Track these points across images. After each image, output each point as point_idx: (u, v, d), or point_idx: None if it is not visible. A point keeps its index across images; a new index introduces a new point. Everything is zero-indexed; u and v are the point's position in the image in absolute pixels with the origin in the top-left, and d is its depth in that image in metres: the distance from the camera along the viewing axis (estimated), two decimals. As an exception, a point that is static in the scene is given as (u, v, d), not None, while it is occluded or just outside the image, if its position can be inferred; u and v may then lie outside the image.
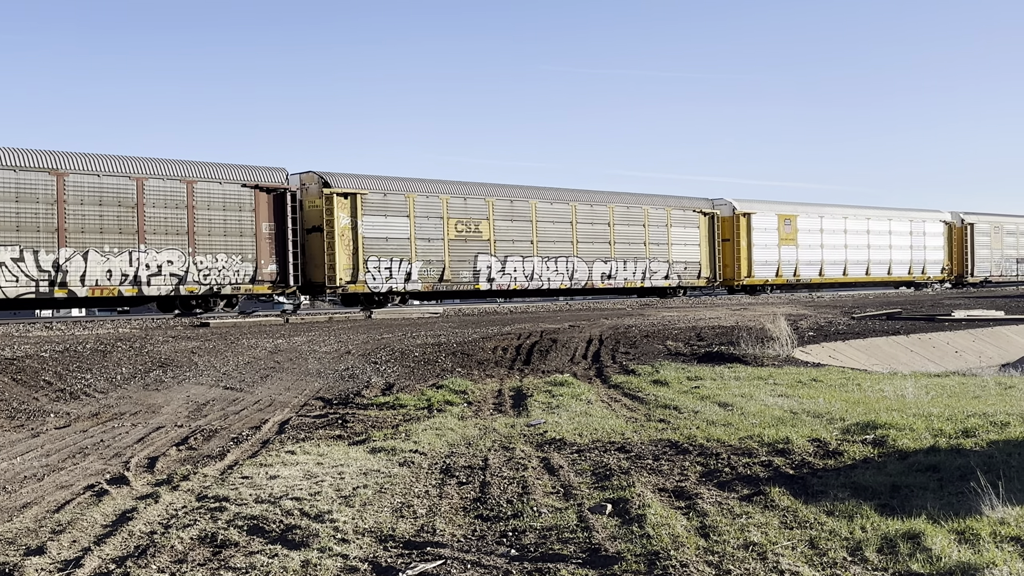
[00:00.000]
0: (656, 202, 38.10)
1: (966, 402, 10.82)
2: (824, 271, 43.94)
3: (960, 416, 9.50)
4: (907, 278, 48.29)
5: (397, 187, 30.42)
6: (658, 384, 13.50)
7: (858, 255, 45.50)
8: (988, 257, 53.05)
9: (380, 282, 29.77)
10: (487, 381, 14.29)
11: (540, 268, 33.98)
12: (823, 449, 8.37)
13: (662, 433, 9.43)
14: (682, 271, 38.52)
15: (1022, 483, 6.76)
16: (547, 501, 6.99)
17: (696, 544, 5.78)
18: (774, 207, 42.34)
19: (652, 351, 17.62)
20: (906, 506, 6.37)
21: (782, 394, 12.06)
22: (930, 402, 10.83)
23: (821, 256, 43.79)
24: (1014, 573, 5.01)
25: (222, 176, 26.91)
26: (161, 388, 13.61)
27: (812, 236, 43.41)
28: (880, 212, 47.50)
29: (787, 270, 42.31)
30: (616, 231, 36.40)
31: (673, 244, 38.26)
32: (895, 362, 18.56)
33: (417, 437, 9.57)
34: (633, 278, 36.90)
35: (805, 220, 43.25)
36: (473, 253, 32.15)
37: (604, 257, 36.04)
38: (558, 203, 34.79)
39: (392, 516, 6.73)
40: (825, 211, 44.62)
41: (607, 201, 36.46)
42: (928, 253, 49.34)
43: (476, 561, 5.72)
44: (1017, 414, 9.46)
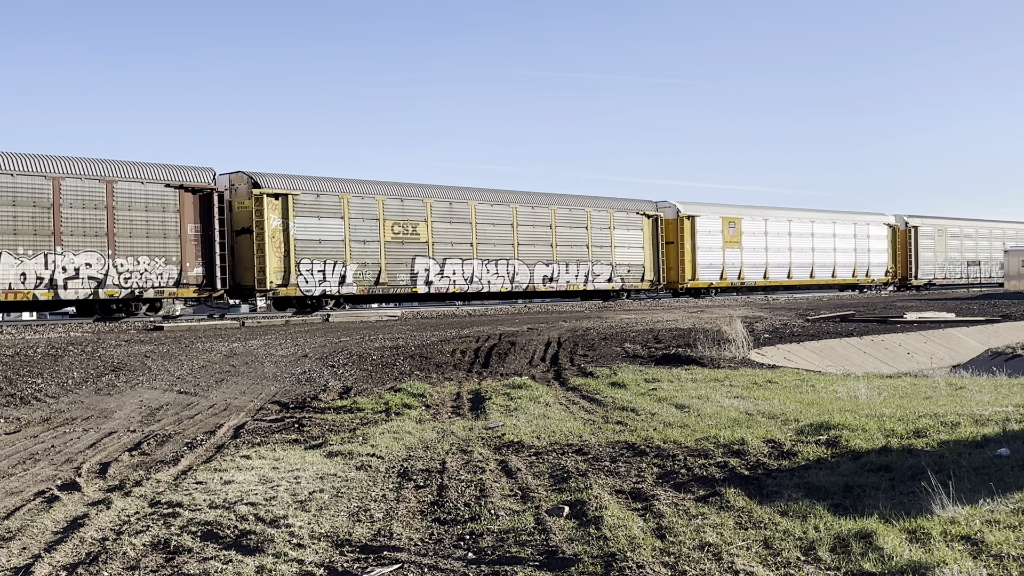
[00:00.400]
0: (599, 204, 37.78)
1: (918, 403, 10.99)
2: (769, 274, 43.92)
3: (912, 417, 9.65)
4: (851, 280, 48.41)
5: (331, 188, 29.84)
6: (616, 386, 13.56)
7: (803, 258, 45.59)
8: (932, 260, 53.31)
9: (313, 285, 29.19)
10: (445, 384, 14.26)
11: (480, 271, 33.49)
12: (778, 450, 8.46)
13: (619, 435, 9.47)
14: (626, 274, 38.29)
15: (972, 483, 6.87)
16: (505, 504, 6.99)
17: (652, 545, 5.81)
18: (718, 209, 42.16)
19: (610, 353, 17.70)
20: (859, 506, 6.46)
21: (738, 396, 12.17)
22: (882, 403, 10.99)
23: (766, 259, 43.76)
24: (964, 572, 5.09)
25: (144, 176, 26.11)
26: (114, 393, 13.41)
27: (757, 239, 43.36)
28: (825, 215, 47.68)
29: (732, 273, 42.19)
30: (558, 233, 36.16)
31: (616, 247, 38.01)
32: (848, 363, 18.81)
33: (374, 441, 9.52)
34: (576, 281, 36.65)
35: (750, 223, 43.12)
36: (410, 256, 31.60)
37: (546, 260, 35.71)
38: (498, 205, 34.28)
39: (349, 520, 6.69)
40: (770, 214, 44.54)
41: (549, 203, 36.15)
42: (872, 256, 49.48)
43: (433, 564, 5.71)
44: (967, 415, 9.62)
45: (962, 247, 55.77)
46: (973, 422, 9.16)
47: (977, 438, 8.41)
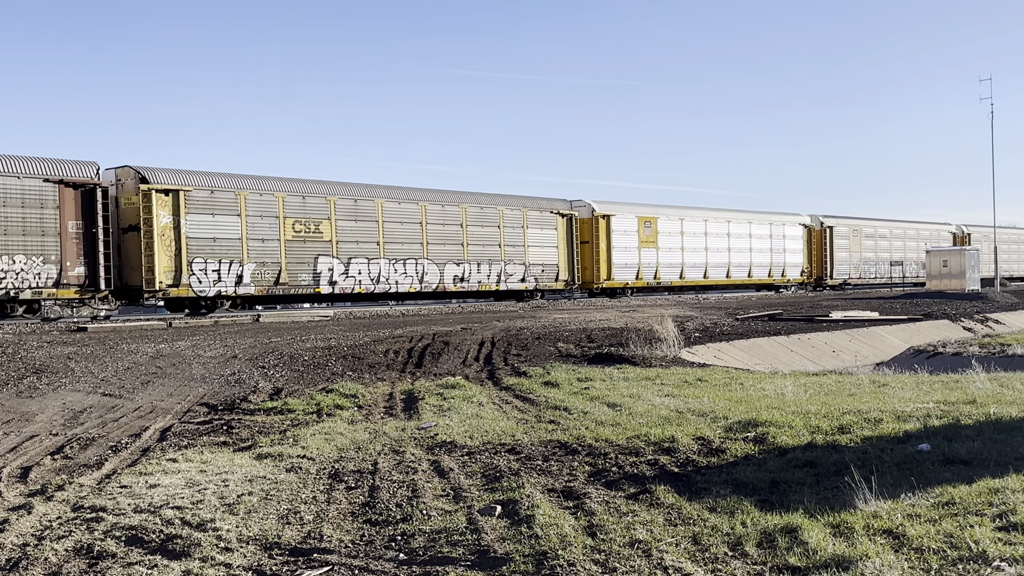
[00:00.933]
0: (512, 203, 37.08)
1: (842, 400, 11.24)
2: (685, 274, 43.57)
3: (836, 414, 9.86)
4: (767, 280, 48.32)
5: (227, 184, 28.71)
6: (549, 386, 13.61)
7: (719, 258, 45.41)
8: (847, 260, 53.43)
9: (207, 285, 27.97)
10: (378, 384, 14.17)
11: (387, 271, 32.53)
12: (707, 447, 8.57)
13: (552, 434, 9.51)
14: (539, 273, 37.59)
15: (894, 478, 7.05)
16: (437, 504, 6.97)
17: (583, 543, 5.85)
18: (634, 209, 41.76)
19: (544, 353, 17.76)
20: (785, 501, 6.58)
21: (669, 394, 12.31)
22: (808, 400, 11.21)
23: (682, 259, 43.44)
24: (886, 565, 5.22)
25: (19, 170, 24.76)
26: (35, 395, 13.04)
27: (673, 239, 43.01)
28: (741, 215, 47.38)
29: (647, 272, 41.71)
30: (469, 232, 35.26)
31: (530, 246, 37.30)
32: (776, 361, 19.15)
33: (305, 442, 9.42)
34: (488, 280, 35.78)
35: (666, 222, 42.74)
36: (313, 255, 30.52)
37: (457, 259, 34.80)
38: (407, 203, 33.36)
39: (278, 523, 6.61)
40: (686, 213, 44.25)
41: (460, 201, 35.26)
42: (788, 256, 49.56)
43: (364, 566, 5.66)
44: (890, 411, 9.87)
45: (876, 247, 55.91)
46: (895, 418, 9.40)
47: (899, 434, 8.62)
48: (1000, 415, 9.32)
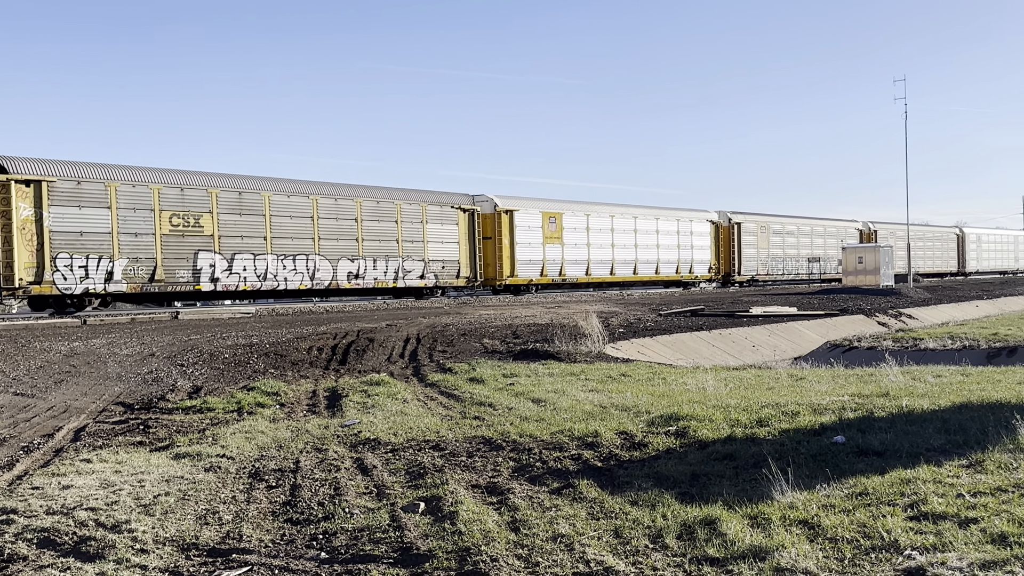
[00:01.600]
0: (411, 197, 35.85)
1: (761, 393, 11.45)
2: (591, 270, 42.84)
3: (755, 407, 10.04)
4: (675, 277, 47.87)
5: (95, 174, 27.11)
6: (474, 382, 13.61)
7: (626, 254, 44.74)
8: (755, 256, 53.23)
9: (73, 282, 26.36)
10: (301, 382, 14.00)
11: (275, 267, 31.10)
12: (630, 441, 8.66)
13: (477, 430, 9.51)
14: (440, 270, 36.49)
15: (810, 469, 7.21)
16: (359, 502, 6.91)
17: (507, 538, 5.86)
18: (538, 204, 41.04)
19: (469, 349, 17.75)
20: (704, 493, 6.68)
21: (593, 389, 12.41)
22: (728, 394, 11.40)
23: (588, 255, 42.69)
24: (801, 555, 5.33)
25: None
26: (-59, 395, 12.58)
27: (579, 235, 42.30)
28: (648, 211, 46.89)
29: (552, 269, 41.01)
30: (365, 227, 33.97)
31: (430, 242, 36.10)
32: (698, 356, 19.45)
33: (225, 441, 9.26)
34: (385, 277, 34.59)
35: (571, 218, 42.05)
36: (193, 250, 28.92)
37: (351, 255, 33.45)
38: (297, 196, 31.93)
39: (196, 523, 6.48)
40: (592, 209, 43.51)
41: (355, 195, 33.88)
42: (696, 252, 49.19)
43: (284, 566, 5.59)
44: (807, 404, 10.08)
45: (784, 244, 55.97)
46: (812, 411, 9.61)
47: (815, 426, 8.82)
48: (912, 407, 9.60)
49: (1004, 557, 5.09)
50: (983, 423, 8.36)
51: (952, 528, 5.63)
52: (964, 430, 8.20)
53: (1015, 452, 7.26)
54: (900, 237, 63.15)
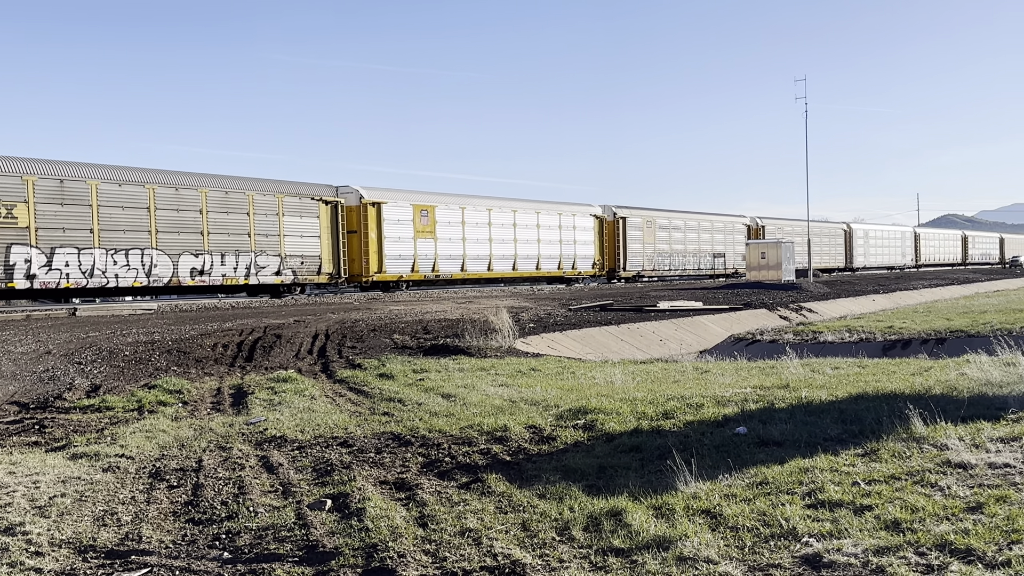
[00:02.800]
0: (265, 187, 33.28)
1: (667, 386, 11.65)
2: (467, 266, 40.97)
3: (661, 400, 10.21)
4: (557, 273, 46.25)
5: None
6: (384, 378, 13.51)
7: (504, 249, 42.96)
8: (641, 251, 52.07)
9: None
10: (205, 380, 13.70)
11: (104, 262, 28.46)
12: (538, 435, 8.71)
13: (386, 426, 9.45)
14: (299, 266, 34.06)
15: (713, 460, 7.36)
16: (264, 500, 6.80)
17: (415, 534, 5.84)
18: (409, 197, 38.90)
19: (379, 345, 17.61)
20: (611, 486, 6.76)
21: (503, 384, 12.44)
22: (636, 387, 11.56)
23: (463, 250, 40.76)
24: (703, 543, 5.44)
25: None
26: None
27: (453, 229, 40.32)
28: (528, 204, 45.18)
29: (425, 265, 38.94)
30: (211, 220, 31.35)
31: (287, 236, 33.64)
32: (607, 351, 19.68)
33: (124, 440, 9.00)
34: (235, 274, 32.07)
35: (445, 212, 40.01)
36: (5, 244, 26.26)
37: (195, 249, 30.89)
38: (130, 185, 29.30)
39: (93, 525, 6.29)
40: (468, 202, 41.60)
41: (199, 185, 31.20)
42: (579, 248, 47.59)
43: (185, 567, 5.47)
44: (710, 396, 10.29)
45: (671, 239, 54.86)
46: (716, 403, 9.81)
47: (719, 418, 9.01)
48: (811, 398, 9.88)
49: (897, 543, 5.28)
50: (878, 413, 8.65)
51: (848, 515, 5.81)
52: (860, 420, 8.48)
53: (908, 441, 7.53)
54: (788, 233, 63.82)
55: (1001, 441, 7.32)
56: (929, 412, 8.18)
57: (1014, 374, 10.32)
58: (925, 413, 8.13)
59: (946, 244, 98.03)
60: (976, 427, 7.79)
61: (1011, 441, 7.30)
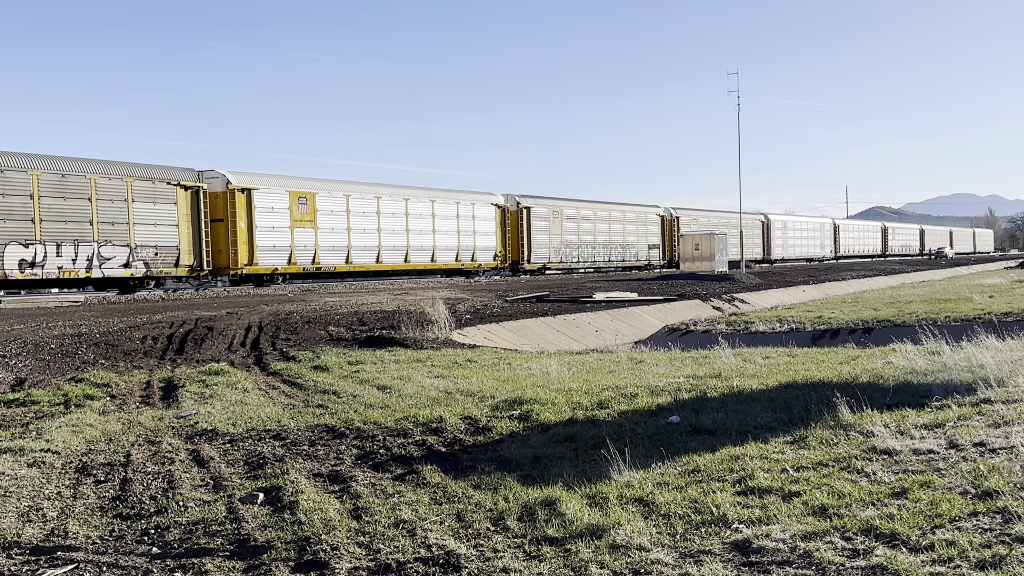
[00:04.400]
0: (111, 170, 30.31)
1: (602, 376, 11.73)
2: (352, 258, 38.55)
3: (596, 390, 10.28)
4: (455, 265, 43.99)
5: None
6: (318, 370, 13.39)
7: (395, 240, 40.61)
8: (547, 243, 50.26)
9: None
10: (135, 373, 13.43)
11: None
12: (474, 426, 8.71)
13: (320, 418, 9.37)
14: (152, 257, 31.15)
15: (647, 449, 7.44)
16: (195, 495, 6.70)
17: (348, 526, 5.80)
18: (285, 183, 36.36)
19: (314, 337, 17.45)
20: (545, 475, 6.80)
21: (439, 375, 12.41)
22: (571, 378, 11.63)
23: (348, 241, 38.32)
24: (636, 531, 5.50)
25: None
26: None
27: (336, 218, 37.87)
28: (422, 192, 42.86)
29: (304, 256, 36.58)
30: (45, 206, 28.48)
31: (137, 224, 30.59)
32: (543, 342, 19.75)
33: (50, 435, 8.79)
34: (74, 266, 29.25)
35: (327, 199, 37.56)
36: None
37: (25, 239, 27.97)
38: None
39: (18, 521, 6.14)
40: (354, 189, 39.07)
41: (28, 167, 28.30)
42: (479, 239, 45.38)
43: (113, 562, 5.36)
44: (644, 386, 10.39)
45: (579, 230, 53.11)
46: (649, 393, 9.91)
47: (652, 407, 9.10)
48: (742, 387, 10.04)
49: (824, 528, 5.39)
50: (807, 401, 8.82)
51: (777, 502, 5.92)
52: (789, 408, 8.64)
53: (835, 428, 7.70)
54: (704, 224, 63.27)
55: (925, 428, 7.52)
56: (856, 400, 8.37)
57: (938, 363, 10.60)
58: (852, 401, 8.31)
59: (866, 235, 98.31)
60: (901, 414, 7.99)
61: (934, 428, 7.50)
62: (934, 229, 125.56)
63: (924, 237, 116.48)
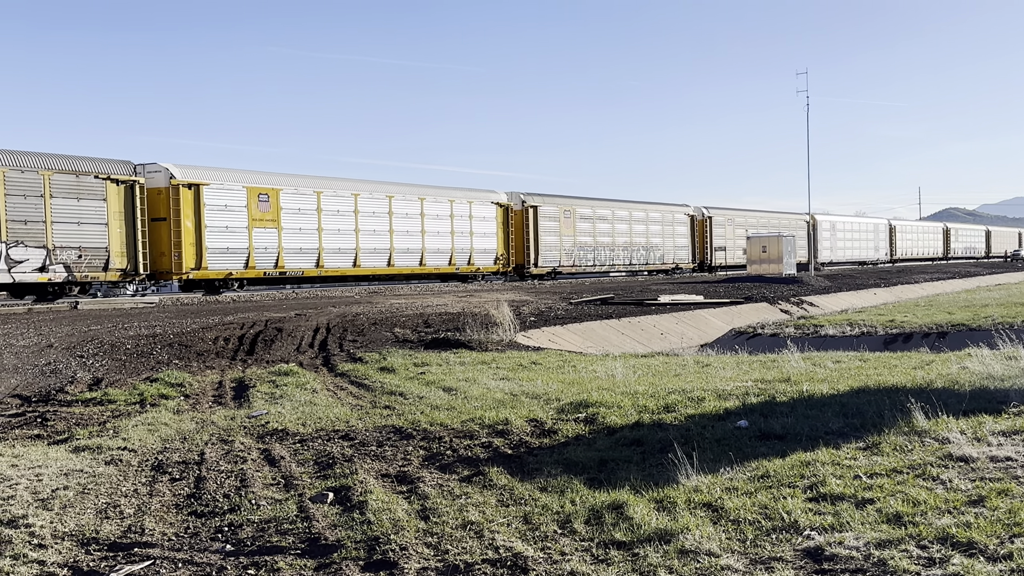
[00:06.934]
0: (26, 163, 26.58)
1: (668, 380, 11.65)
2: (324, 261, 34.63)
3: (662, 393, 10.21)
4: (447, 269, 40.01)
5: None
6: (385, 371, 13.52)
7: (376, 242, 36.64)
8: (556, 245, 45.52)
9: None
10: (207, 373, 13.71)
11: None
12: (540, 428, 8.72)
13: (387, 419, 9.45)
14: (75, 260, 27.40)
15: (715, 453, 7.37)
16: (267, 493, 6.81)
17: (416, 527, 5.85)
18: (242, 177, 32.50)
19: (380, 338, 17.62)
20: (612, 479, 6.77)
21: (504, 377, 12.45)
22: (637, 381, 11.56)
23: (319, 243, 34.42)
24: (705, 536, 5.45)
25: None
26: None
27: (305, 217, 33.98)
28: (409, 189, 38.55)
29: (264, 260, 32.63)
30: None
31: (56, 222, 26.87)
32: (608, 344, 19.68)
33: (127, 434, 9.02)
34: None
35: (294, 197, 33.68)
36: None
37: None
38: None
39: (96, 517, 6.30)
40: (326, 185, 35.25)
41: None
42: (477, 240, 41.16)
43: (188, 559, 5.48)
44: (712, 390, 10.29)
45: (595, 230, 48.32)
46: (717, 397, 9.81)
47: (720, 412, 9.01)
48: (812, 392, 9.88)
49: (899, 536, 5.28)
50: (880, 407, 8.65)
51: (850, 509, 5.81)
52: (862, 414, 8.48)
53: (910, 435, 7.54)
54: (739, 224, 59.45)
55: (1003, 435, 7.33)
56: (931, 406, 8.19)
57: (1016, 368, 10.32)
58: (927, 407, 8.13)
59: (926, 237, 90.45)
60: (978, 420, 7.79)
61: (1012, 435, 7.30)
62: (1002, 230, 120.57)
63: (990, 239, 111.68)
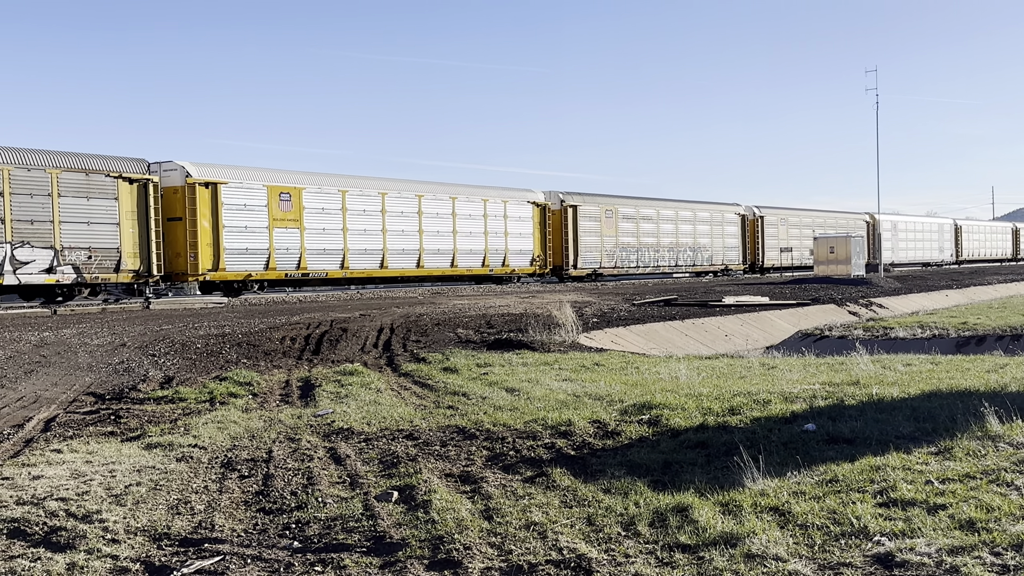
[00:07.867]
0: (30, 160, 25.76)
1: (733, 382, 11.53)
2: (350, 262, 33.58)
3: (727, 395, 10.11)
4: (480, 271, 38.67)
5: None
6: (448, 371, 13.60)
7: (404, 242, 35.58)
8: (597, 246, 44.11)
9: None
10: (274, 372, 13.93)
11: None
12: (603, 430, 8.69)
13: (450, 419, 9.51)
14: (85, 261, 26.62)
15: (781, 457, 7.27)
16: (333, 491, 6.90)
17: (480, 527, 5.87)
18: (263, 176, 31.61)
19: (443, 339, 17.73)
20: (677, 481, 6.72)
21: (566, 378, 12.44)
22: (701, 383, 11.46)
23: (344, 243, 33.41)
24: (772, 541, 5.38)
25: None
26: (-92, 386, 12.42)
27: (329, 217, 33.00)
28: (440, 188, 37.57)
29: (286, 261, 31.66)
30: None
31: (65, 222, 26.14)
32: (671, 346, 19.54)
33: (197, 431, 9.21)
34: None
35: (317, 196, 32.67)
36: None
37: None
38: None
39: (167, 513, 6.45)
40: (351, 184, 34.25)
41: None
42: (512, 241, 40.02)
43: (257, 555, 5.57)
44: (778, 393, 10.16)
45: (639, 231, 46.72)
46: (783, 399, 9.68)
47: (786, 415, 8.89)
48: (882, 395, 9.70)
49: (972, 543, 5.16)
50: (952, 411, 8.46)
51: (921, 514, 5.70)
52: (933, 418, 8.30)
53: (983, 439, 7.36)
54: (793, 223, 57.87)
55: (1081, 441, 7.11)
56: (1005, 410, 7.98)
57: (1095, 372, 10.01)
58: (1001, 411, 7.93)
59: (994, 237, 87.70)
60: (1055, 426, 7.58)
61: (1092, 441, 7.08)
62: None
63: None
